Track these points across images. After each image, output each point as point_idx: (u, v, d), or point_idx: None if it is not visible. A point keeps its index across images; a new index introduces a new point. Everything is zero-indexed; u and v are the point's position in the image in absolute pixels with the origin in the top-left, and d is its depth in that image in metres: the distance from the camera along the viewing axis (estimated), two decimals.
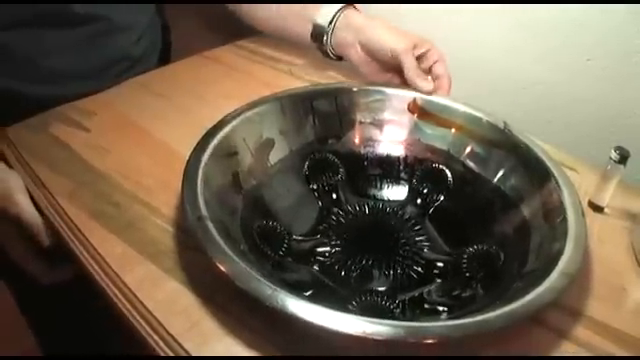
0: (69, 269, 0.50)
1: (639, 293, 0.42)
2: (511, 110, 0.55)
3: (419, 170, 0.52)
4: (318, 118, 0.53)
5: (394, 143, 0.53)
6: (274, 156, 0.50)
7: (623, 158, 0.45)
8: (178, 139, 0.54)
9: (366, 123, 0.54)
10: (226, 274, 0.35)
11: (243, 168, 0.47)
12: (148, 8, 0.70)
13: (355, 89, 0.54)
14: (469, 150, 0.50)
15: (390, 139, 0.53)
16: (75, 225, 0.45)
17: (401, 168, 0.53)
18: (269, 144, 0.50)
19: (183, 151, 0.46)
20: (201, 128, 0.47)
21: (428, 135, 0.52)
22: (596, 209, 0.49)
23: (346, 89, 0.54)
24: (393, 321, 0.32)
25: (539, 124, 0.63)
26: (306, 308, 0.32)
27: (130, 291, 0.39)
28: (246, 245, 0.41)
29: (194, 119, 0.57)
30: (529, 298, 0.34)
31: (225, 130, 0.47)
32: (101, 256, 0.42)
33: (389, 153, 0.53)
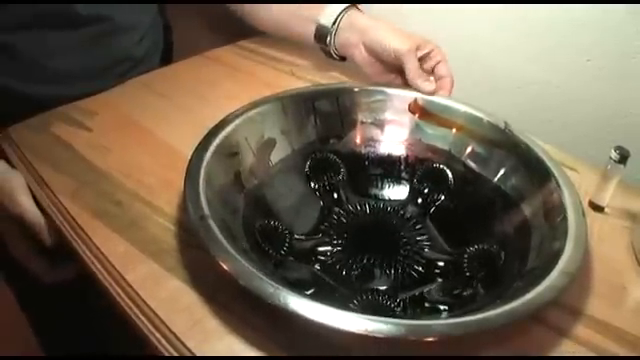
0: (71, 268, 0.50)
1: (639, 292, 0.42)
2: (511, 110, 0.55)
3: (420, 170, 0.52)
4: (319, 118, 0.53)
5: (395, 143, 0.53)
6: (275, 156, 0.50)
7: (623, 158, 0.45)
8: (180, 139, 0.54)
9: (367, 123, 0.54)
10: (228, 272, 0.35)
11: (245, 167, 0.47)
12: (150, 8, 0.70)
13: (356, 89, 0.54)
14: (470, 150, 0.50)
15: (391, 139, 0.53)
16: (77, 224, 0.45)
17: (402, 168, 0.53)
18: (271, 144, 0.50)
19: (184, 150, 0.46)
20: (202, 128, 0.47)
21: (429, 135, 0.52)
22: (596, 209, 0.49)
23: (347, 89, 0.55)
24: (394, 319, 0.32)
25: (538, 124, 0.63)
26: (308, 306, 0.33)
27: (133, 289, 0.39)
28: (248, 244, 0.41)
29: (195, 119, 0.57)
30: (529, 297, 0.34)
31: (227, 130, 0.47)
32: (104, 255, 0.42)
33: (390, 153, 0.53)
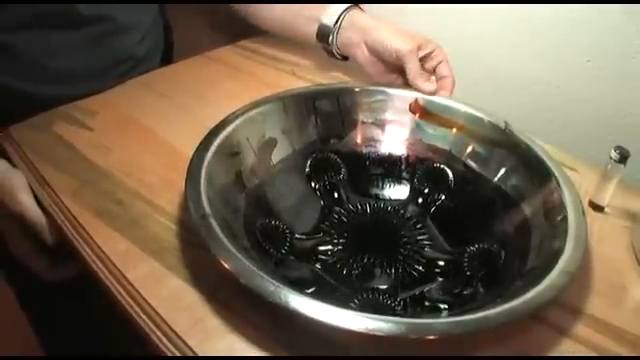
0: (73, 267, 0.50)
1: (639, 292, 0.42)
2: (512, 110, 0.55)
3: (420, 170, 0.53)
4: (320, 118, 0.53)
5: (396, 143, 0.53)
6: (276, 155, 0.50)
7: (623, 158, 0.46)
8: (180, 138, 0.55)
9: (368, 123, 0.54)
10: (230, 271, 0.35)
11: (246, 167, 0.47)
12: (152, 8, 0.70)
13: (357, 89, 0.55)
14: (470, 150, 0.51)
15: (392, 139, 0.54)
16: (79, 223, 0.45)
17: (403, 168, 0.53)
18: (272, 143, 0.50)
19: (185, 150, 0.46)
20: (203, 127, 0.47)
21: (429, 135, 0.53)
22: (596, 208, 0.49)
23: (348, 89, 0.55)
24: (394, 317, 0.33)
25: (539, 124, 0.64)
26: (309, 304, 0.33)
27: (134, 288, 0.39)
28: (249, 243, 0.42)
29: (196, 118, 0.57)
30: (529, 295, 0.34)
31: (228, 129, 0.47)
32: (105, 254, 0.42)
33: (391, 153, 0.53)
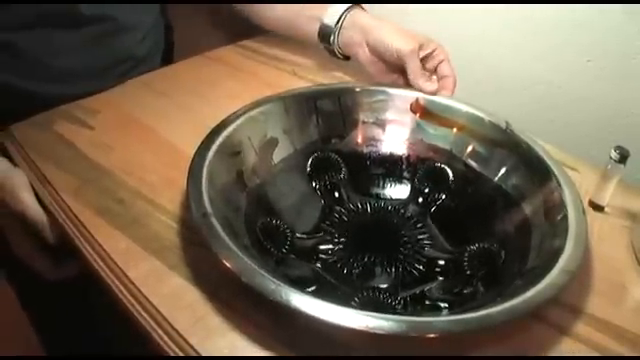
0: (74, 265, 0.50)
1: (639, 291, 0.42)
2: (513, 110, 0.55)
3: (421, 169, 0.53)
4: (322, 118, 0.53)
5: (397, 143, 0.54)
6: (278, 155, 0.50)
7: (623, 157, 0.46)
8: (181, 137, 0.55)
9: (369, 123, 0.54)
10: (231, 270, 0.35)
11: (247, 166, 0.47)
12: (153, 8, 0.70)
13: (358, 89, 0.55)
14: (471, 149, 0.51)
15: (393, 139, 0.54)
16: (80, 222, 0.45)
17: (404, 167, 0.53)
18: (273, 143, 0.50)
19: (186, 149, 0.46)
20: (203, 127, 0.47)
21: (430, 135, 0.53)
22: (596, 208, 0.49)
23: (349, 89, 0.55)
24: (395, 315, 0.33)
25: (540, 123, 0.64)
26: (310, 303, 0.33)
27: (135, 286, 0.40)
28: (250, 242, 0.42)
29: (196, 118, 0.57)
30: (530, 294, 0.34)
31: (230, 129, 0.47)
32: (106, 252, 0.42)
33: (392, 152, 0.54)
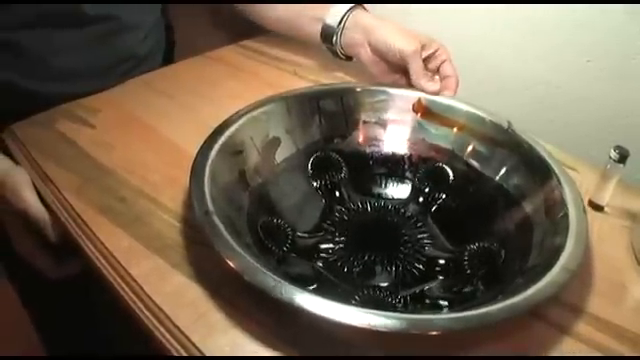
0: (76, 264, 0.50)
1: (639, 291, 0.42)
2: (513, 110, 0.55)
3: (421, 169, 0.53)
4: (324, 118, 0.53)
5: (399, 142, 0.54)
6: (280, 154, 0.50)
7: (622, 157, 0.46)
8: (182, 136, 0.55)
9: (371, 123, 0.54)
10: (233, 268, 0.35)
11: (250, 166, 0.47)
12: (155, 8, 0.71)
13: (361, 89, 0.55)
14: (473, 149, 0.51)
15: (395, 138, 0.54)
16: (82, 220, 0.45)
17: (406, 167, 0.53)
18: (276, 143, 0.50)
19: (188, 148, 0.46)
20: (205, 126, 0.47)
21: (432, 134, 0.53)
22: (596, 208, 0.49)
23: (352, 89, 0.55)
24: (396, 313, 0.33)
25: (541, 123, 0.64)
26: (313, 301, 0.33)
27: (137, 284, 0.40)
28: (252, 240, 0.42)
29: (197, 117, 0.58)
30: (530, 292, 0.34)
31: (232, 128, 0.47)
32: (108, 250, 0.42)
33: (394, 152, 0.54)
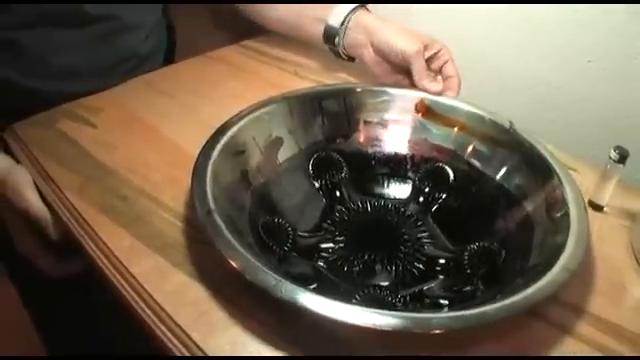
0: (77, 263, 0.50)
1: (638, 290, 0.42)
2: (515, 110, 0.55)
3: (422, 169, 0.53)
4: (327, 118, 0.53)
5: (401, 142, 0.54)
6: (283, 154, 0.50)
7: (622, 157, 0.46)
8: (184, 136, 0.55)
9: (373, 123, 0.54)
10: (234, 267, 0.35)
11: (252, 165, 0.47)
12: (157, 7, 0.71)
13: (363, 90, 0.55)
14: (475, 149, 0.51)
15: (397, 139, 0.54)
16: (84, 219, 0.45)
17: (408, 167, 0.53)
18: (278, 143, 0.50)
19: (189, 148, 0.46)
20: (206, 126, 0.47)
21: (434, 134, 0.53)
22: (596, 208, 0.49)
23: (354, 90, 0.55)
24: (398, 312, 0.33)
25: (542, 124, 0.64)
26: (315, 300, 0.33)
27: (138, 283, 0.40)
28: (253, 240, 0.42)
29: (198, 117, 0.58)
30: (530, 291, 0.34)
31: (234, 128, 0.47)
32: (110, 249, 0.42)
33: (396, 152, 0.54)
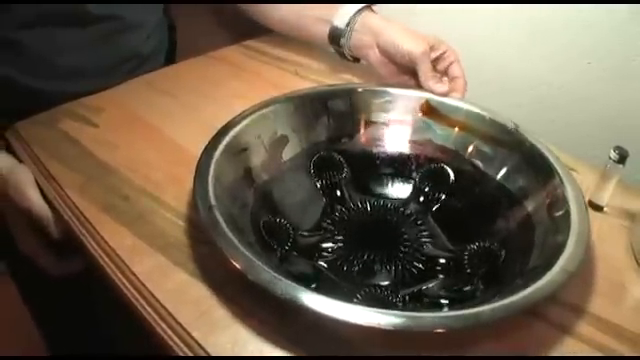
0: (79, 261, 0.51)
1: (638, 290, 0.42)
2: (515, 110, 0.55)
3: (422, 169, 0.53)
4: (332, 117, 0.53)
5: (405, 143, 0.54)
6: (287, 153, 0.51)
7: (622, 158, 0.46)
8: (185, 136, 0.55)
9: (378, 123, 0.54)
10: (236, 266, 0.35)
11: (256, 163, 0.48)
12: (158, 7, 0.71)
13: (368, 90, 0.55)
14: (478, 149, 0.51)
15: (401, 139, 0.54)
16: (86, 218, 0.45)
17: (412, 167, 0.53)
18: (283, 141, 0.50)
19: (190, 147, 0.46)
20: (208, 126, 0.47)
21: (438, 135, 0.53)
22: (596, 208, 0.49)
23: (359, 90, 0.55)
24: (398, 311, 0.33)
25: (542, 123, 0.64)
26: (317, 300, 0.33)
27: (139, 281, 0.40)
28: (254, 238, 0.42)
29: (200, 116, 0.58)
30: (529, 291, 0.34)
31: (237, 128, 0.47)
32: (111, 248, 0.43)
33: (400, 152, 0.54)
